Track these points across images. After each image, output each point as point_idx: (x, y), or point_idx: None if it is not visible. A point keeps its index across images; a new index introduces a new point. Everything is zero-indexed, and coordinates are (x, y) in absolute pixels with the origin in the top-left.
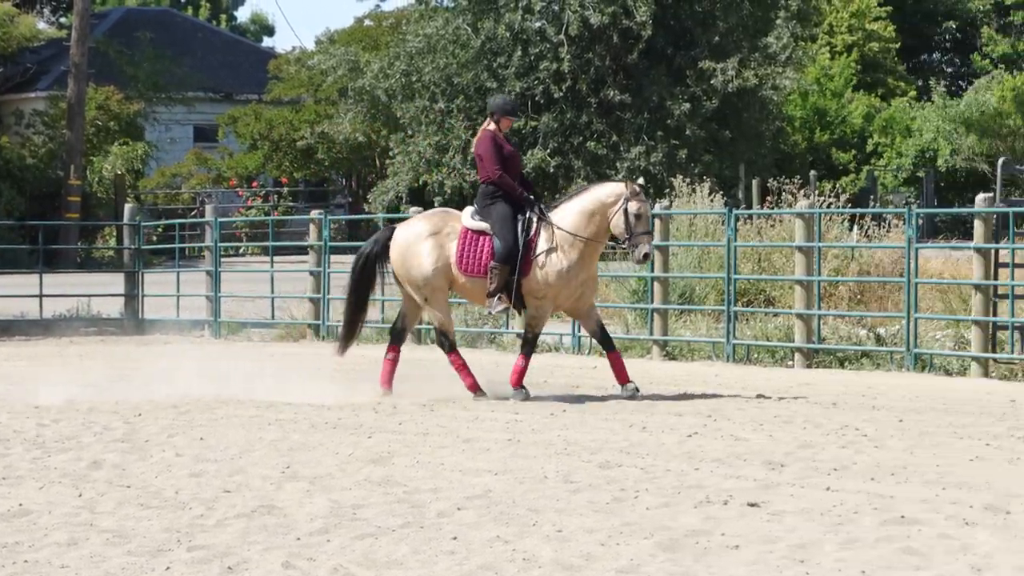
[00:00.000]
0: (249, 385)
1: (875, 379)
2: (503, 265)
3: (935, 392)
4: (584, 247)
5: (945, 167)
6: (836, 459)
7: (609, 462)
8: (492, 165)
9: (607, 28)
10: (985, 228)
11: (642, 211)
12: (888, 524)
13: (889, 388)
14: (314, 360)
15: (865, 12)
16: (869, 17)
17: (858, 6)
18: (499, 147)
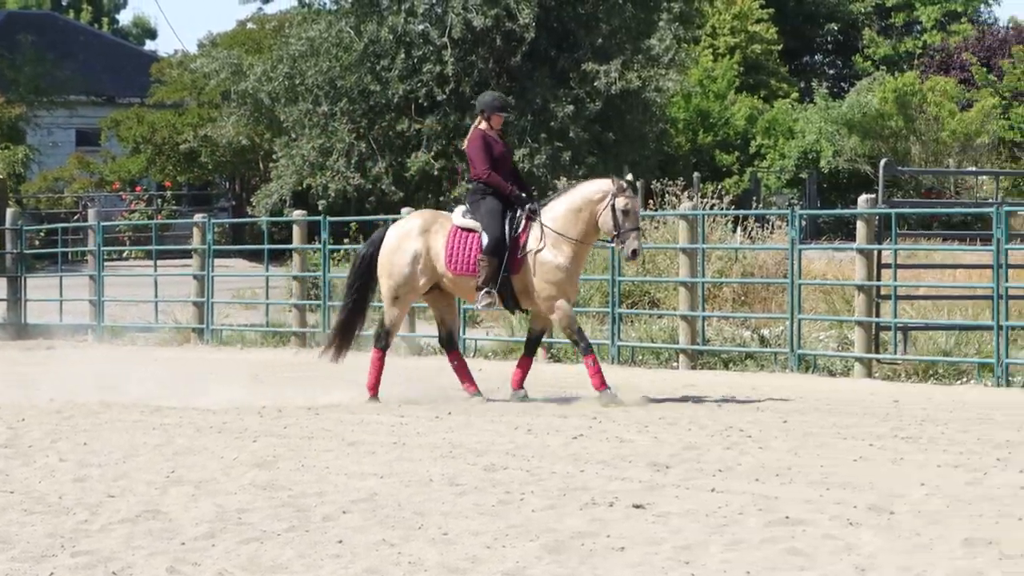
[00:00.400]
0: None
1: (759, 380)
2: (490, 257)
3: (819, 393)
4: (573, 244)
5: (828, 168)
6: (721, 460)
7: (495, 464)
8: (482, 165)
9: (490, 30)
10: (868, 229)
11: (630, 207)
12: (773, 525)
13: (773, 389)
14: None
15: (747, 14)
16: (751, 19)
17: (740, 8)
18: (488, 146)
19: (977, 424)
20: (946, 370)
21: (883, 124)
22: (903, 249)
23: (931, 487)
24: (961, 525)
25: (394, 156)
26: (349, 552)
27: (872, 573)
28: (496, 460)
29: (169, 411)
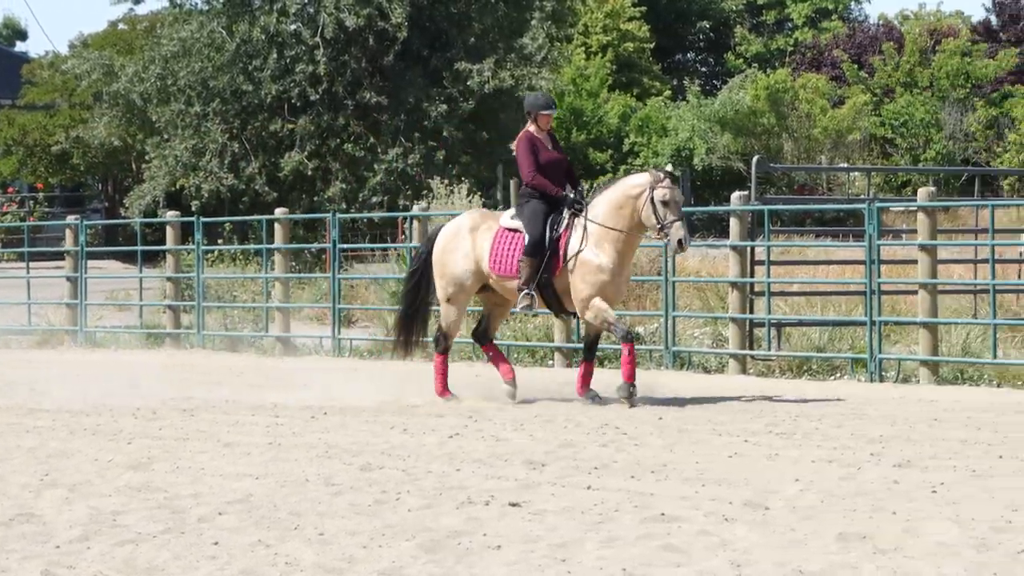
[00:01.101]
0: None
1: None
2: (529, 258)
3: (694, 389)
4: (618, 243)
5: (701, 166)
6: (597, 457)
7: (371, 464)
8: (528, 169)
9: (363, 30)
10: (741, 226)
11: (669, 197)
12: (648, 522)
13: (648, 386)
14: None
15: (619, 12)
16: (623, 17)
17: (612, 6)
18: (534, 149)
19: (850, 419)
20: (819, 366)
21: (755, 121)
22: (776, 246)
23: (805, 482)
24: (835, 520)
25: (267, 156)
26: (225, 553)
27: (747, 568)
28: (372, 460)
29: (42, 413)
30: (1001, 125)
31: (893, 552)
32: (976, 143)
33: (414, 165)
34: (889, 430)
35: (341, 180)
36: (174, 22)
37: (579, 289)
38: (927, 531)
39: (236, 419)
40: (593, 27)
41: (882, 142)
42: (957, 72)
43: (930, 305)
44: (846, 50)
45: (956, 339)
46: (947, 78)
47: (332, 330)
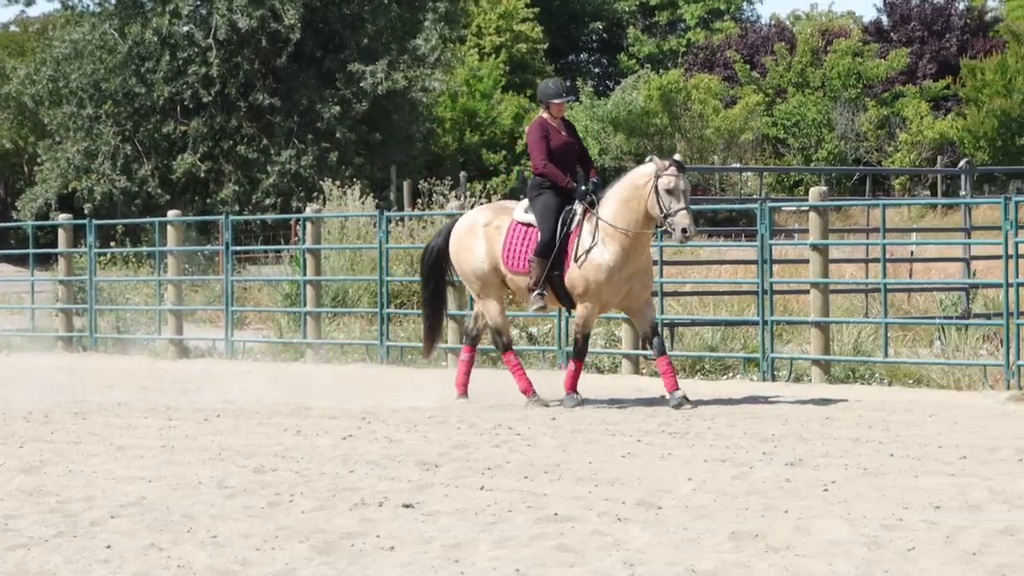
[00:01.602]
0: None
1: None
2: (539, 258)
3: (587, 389)
4: (627, 238)
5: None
6: (490, 458)
7: (264, 466)
8: (538, 156)
9: (255, 32)
10: None
11: (673, 185)
12: (542, 522)
13: (541, 387)
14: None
15: (512, 14)
16: (517, 18)
17: (505, 8)
18: (546, 136)
19: (743, 419)
20: (712, 365)
21: (648, 122)
22: (669, 246)
23: (698, 482)
24: (728, 519)
25: (160, 158)
26: (118, 557)
27: (640, 568)
28: (265, 462)
29: None
30: (892, 125)
31: (785, 550)
32: (867, 143)
33: (307, 167)
34: (781, 429)
35: (234, 182)
36: (66, 24)
37: (577, 284)
38: (819, 529)
39: (129, 422)
40: (486, 28)
41: (774, 142)
42: (848, 72)
43: (822, 304)
44: (738, 50)
45: (847, 338)
46: (839, 78)
47: (225, 332)
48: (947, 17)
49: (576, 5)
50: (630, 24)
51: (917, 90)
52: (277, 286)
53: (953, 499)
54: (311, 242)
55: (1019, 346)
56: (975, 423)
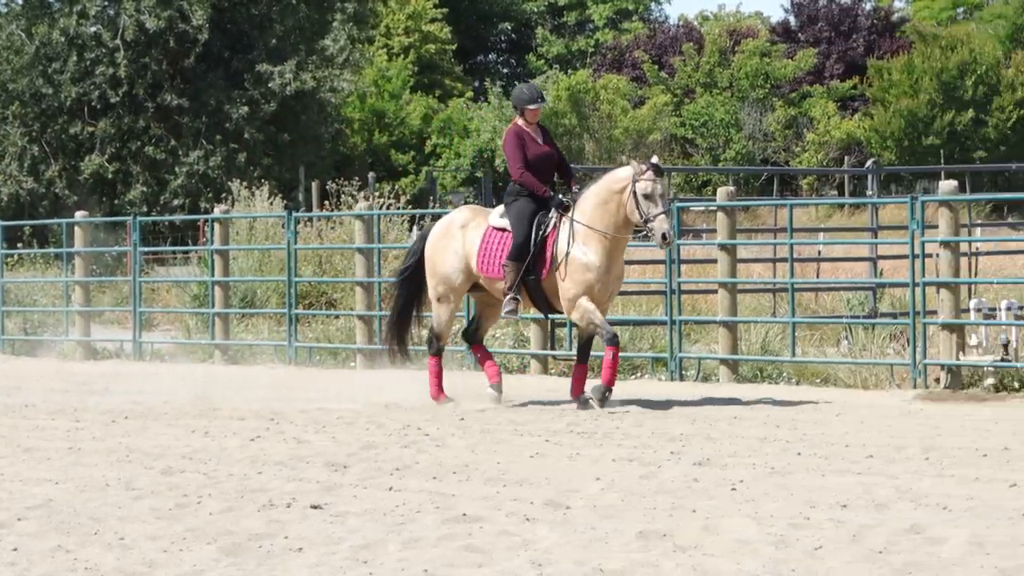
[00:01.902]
0: None
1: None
2: (514, 263)
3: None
4: (605, 240)
5: (503, 166)
6: (399, 459)
7: (172, 468)
8: (514, 164)
9: (163, 32)
10: None
11: (651, 190)
12: (450, 522)
13: (451, 388)
14: None
15: (421, 14)
16: (425, 19)
17: (414, 8)
18: (522, 144)
19: (651, 418)
20: (621, 365)
21: (557, 122)
22: None
23: (606, 481)
24: (636, 518)
25: (67, 159)
26: (24, 559)
27: (548, 568)
28: (173, 464)
29: None
30: (800, 125)
31: (693, 549)
32: (775, 143)
33: (215, 167)
34: (689, 428)
35: (142, 183)
36: None
37: (566, 288)
38: (726, 528)
39: (36, 423)
40: (395, 29)
41: (682, 142)
42: (756, 72)
43: (729, 304)
44: (647, 51)
45: (755, 337)
46: (746, 78)
47: (133, 333)
48: (854, 18)
49: (485, 6)
50: (538, 25)
51: (824, 90)
52: (185, 287)
53: (860, 498)
54: (219, 243)
55: (925, 345)
56: (882, 422)
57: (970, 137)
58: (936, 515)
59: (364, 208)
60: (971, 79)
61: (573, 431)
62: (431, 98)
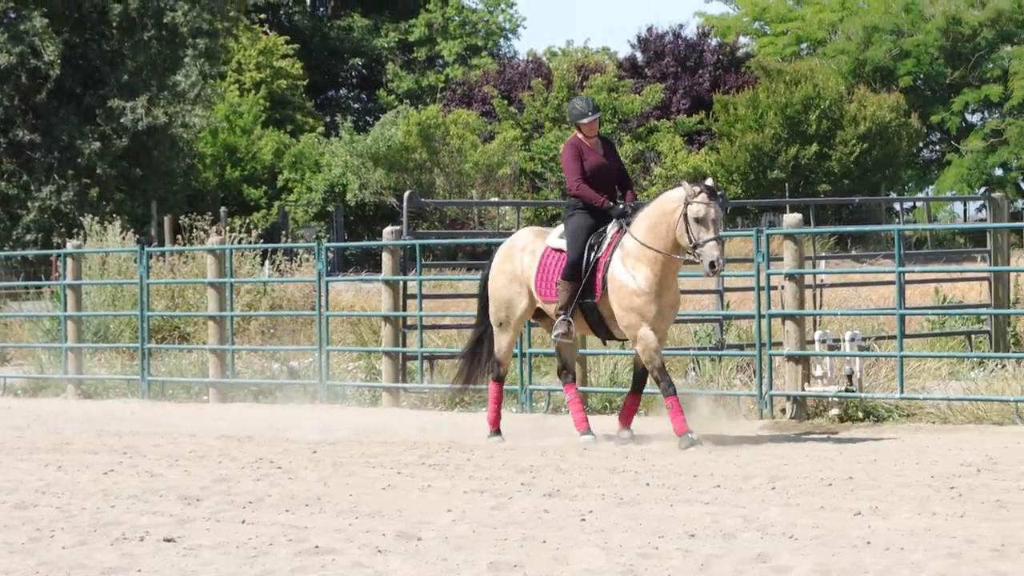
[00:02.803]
0: None
1: (289, 412)
2: (567, 282)
3: (348, 423)
4: (655, 264)
5: (354, 201)
6: (251, 492)
7: (24, 502)
8: (571, 177)
9: (14, 68)
10: (393, 260)
11: (703, 214)
12: (303, 554)
13: (303, 421)
14: None
15: (273, 50)
16: (277, 55)
17: (265, 44)
18: (579, 156)
19: (502, 450)
20: (472, 397)
21: (407, 157)
22: (428, 280)
23: (458, 513)
24: (487, 549)
25: None
26: None
27: None
28: (26, 498)
29: None
30: (647, 159)
31: None
32: None
33: (68, 202)
34: (539, 460)
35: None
36: None
37: (621, 316)
38: (576, 558)
39: None
40: (247, 64)
41: (532, 176)
42: (604, 107)
43: (580, 337)
44: (496, 86)
45: (604, 369)
46: None
47: None
48: (700, 53)
49: (335, 42)
50: (389, 60)
51: (671, 125)
52: (38, 322)
53: (707, 527)
54: (72, 278)
55: (771, 376)
56: (729, 452)
57: (814, 171)
58: (782, 544)
59: (216, 243)
60: (815, 114)
61: (424, 463)
62: (283, 133)
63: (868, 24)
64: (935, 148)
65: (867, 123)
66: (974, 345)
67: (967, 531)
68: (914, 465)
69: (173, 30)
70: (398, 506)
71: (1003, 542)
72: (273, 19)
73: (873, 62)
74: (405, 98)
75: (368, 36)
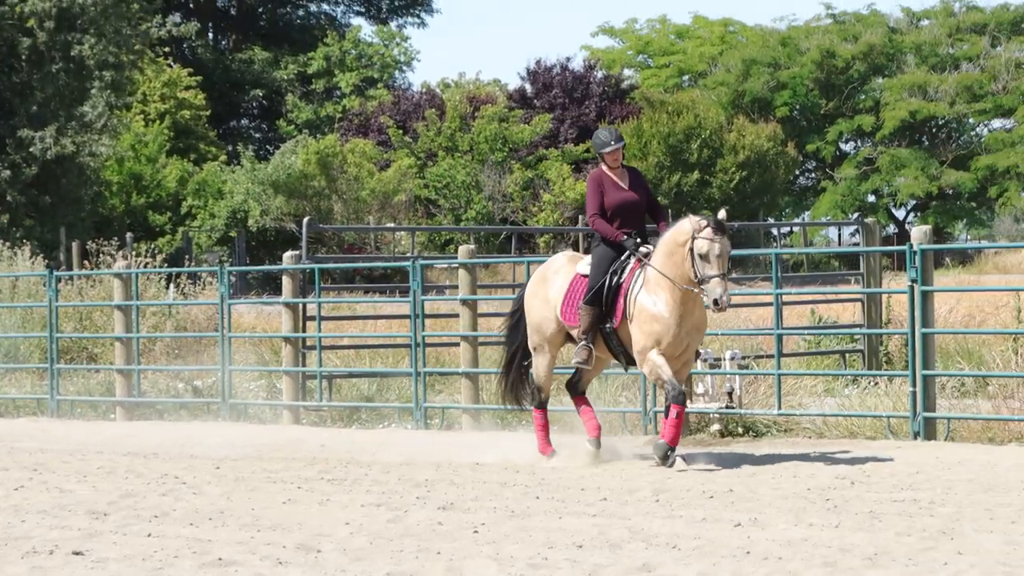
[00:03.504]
0: None
1: (193, 429)
2: (588, 307)
3: (250, 440)
4: (676, 290)
5: (256, 227)
6: (157, 506)
7: None
8: (589, 210)
9: None
10: (293, 284)
11: (705, 250)
12: (206, 567)
13: (206, 438)
14: None
15: (176, 82)
16: (180, 86)
17: (170, 76)
18: (599, 189)
19: (398, 465)
20: (369, 415)
21: (307, 184)
22: (327, 302)
23: (355, 526)
24: (383, 561)
25: None
26: None
27: None
28: None
29: None
30: (536, 186)
31: None
32: (514, 203)
33: None
34: (434, 474)
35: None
36: None
37: (635, 339)
38: (469, 569)
39: None
40: (151, 96)
41: (426, 203)
42: (495, 137)
43: (472, 356)
44: (391, 116)
45: (496, 387)
46: (486, 142)
47: None
48: (587, 85)
49: (237, 74)
50: (289, 92)
51: (559, 153)
52: None
53: (595, 539)
54: None
55: (655, 394)
56: (615, 466)
57: (696, 197)
58: (666, 554)
59: (122, 267)
60: (696, 143)
61: (324, 478)
62: (186, 161)
63: (747, 57)
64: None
65: (746, 152)
66: (848, 363)
67: (842, 540)
68: (791, 478)
69: (80, 63)
70: (298, 519)
71: (876, 551)
72: (177, 52)
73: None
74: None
75: (268, 68)
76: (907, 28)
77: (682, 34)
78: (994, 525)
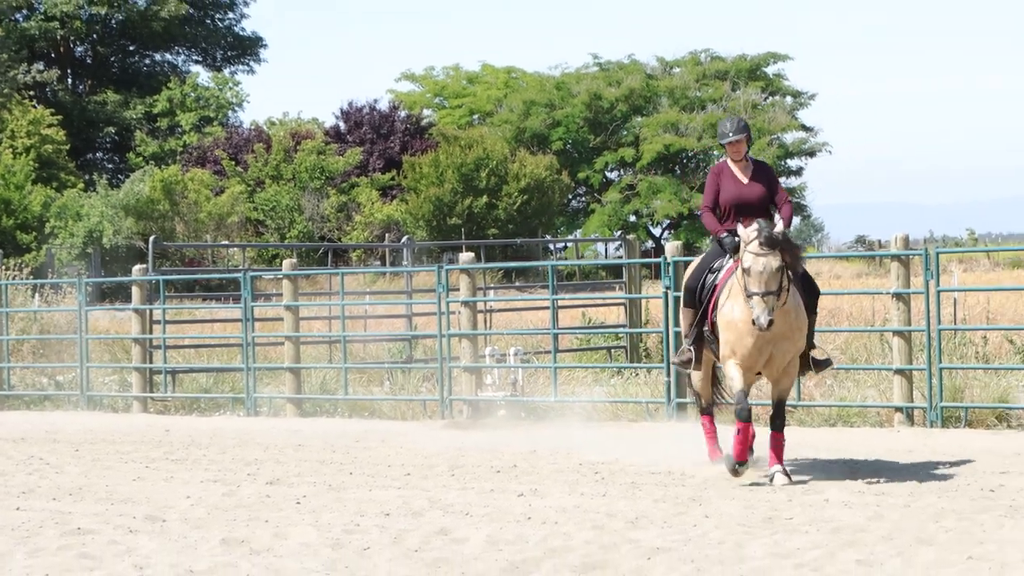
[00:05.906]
0: None
1: (56, 418)
2: (685, 309)
3: (105, 426)
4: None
5: (109, 244)
6: (25, 484)
7: None
8: (703, 203)
9: None
10: (141, 293)
11: (752, 266)
12: (67, 535)
13: (67, 425)
14: None
15: (40, 120)
16: (44, 124)
17: (34, 116)
18: (716, 182)
19: (232, 447)
20: (207, 404)
21: (153, 208)
22: (171, 308)
23: (195, 499)
24: (220, 528)
25: None
26: None
27: (148, 570)
28: None
29: None
30: (349, 209)
31: (266, 552)
32: (330, 223)
33: None
34: (263, 454)
35: None
36: None
37: (720, 345)
38: (293, 535)
39: None
40: (19, 132)
41: (255, 223)
42: (314, 167)
43: (295, 354)
44: (225, 150)
45: (316, 380)
46: (306, 172)
47: None
48: (392, 123)
49: (92, 113)
50: (137, 129)
51: (369, 181)
52: None
53: (400, 508)
54: None
55: (451, 384)
56: (417, 446)
57: (485, 218)
58: (460, 520)
59: None
60: (485, 172)
61: (168, 458)
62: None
63: (527, 99)
64: (582, 199)
65: (527, 179)
66: (613, 358)
67: (608, 507)
68: (566, 455)
69: None
70: (146, 494)
71: (637, 516)
72: (41, 95)
73: (531, 130)
74: (151, 160)
75: (120, 109)
76: (661, 74)
77: (472, 79)
78: (735, 493)
